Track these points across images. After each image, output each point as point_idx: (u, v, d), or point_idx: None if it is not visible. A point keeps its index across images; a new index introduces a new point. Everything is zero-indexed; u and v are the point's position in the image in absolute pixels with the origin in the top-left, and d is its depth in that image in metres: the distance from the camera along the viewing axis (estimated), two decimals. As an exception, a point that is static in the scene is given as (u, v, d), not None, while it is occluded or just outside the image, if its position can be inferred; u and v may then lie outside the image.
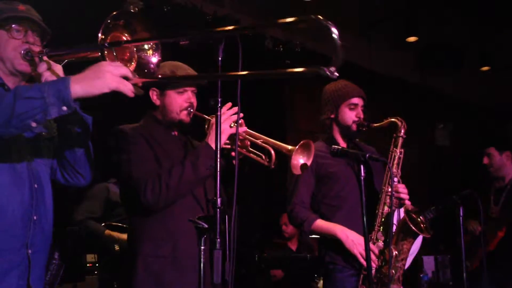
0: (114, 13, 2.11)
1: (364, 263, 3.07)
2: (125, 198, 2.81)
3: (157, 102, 2.84)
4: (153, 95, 2.84)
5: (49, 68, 2.13)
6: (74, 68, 2.04)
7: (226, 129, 2.59)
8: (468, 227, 4.70)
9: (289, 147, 2.63)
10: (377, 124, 3.41)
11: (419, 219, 3.19)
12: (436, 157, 8.55)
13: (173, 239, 2.65)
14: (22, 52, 2.19)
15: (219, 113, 2.14)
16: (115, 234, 4.52)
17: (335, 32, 1.69)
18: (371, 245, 3.15)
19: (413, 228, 3.11)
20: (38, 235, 2.22)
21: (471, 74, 8.35)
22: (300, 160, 2.68)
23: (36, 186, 2.23)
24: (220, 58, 2.11)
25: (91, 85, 1.89)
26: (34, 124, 1.89)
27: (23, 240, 2.16)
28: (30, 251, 2.18)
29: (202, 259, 2.06)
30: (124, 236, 4.40)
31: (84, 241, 4.80)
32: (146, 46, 2.18)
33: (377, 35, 7.71)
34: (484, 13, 6.90)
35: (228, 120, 2.61)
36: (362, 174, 2.76)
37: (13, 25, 2.20)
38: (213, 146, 2.37)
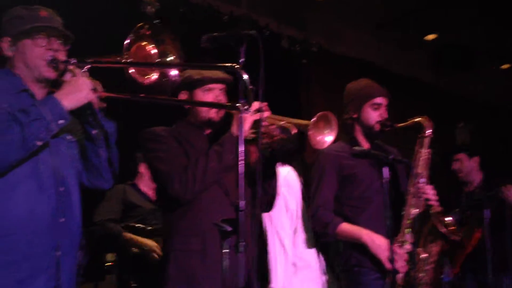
0: (139, 24, 2.29)
1: (390, 267, 2.97)
2: (159, 196, 2.89)
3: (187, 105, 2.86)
4: (183, 98, 2.85)
5: (74, 76, 2.27)
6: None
7: (249, 117, 2.54)
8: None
9: (306, 121, 2.54)
10: (402, 124, 3.32)
11: (448, 221, 3.08)
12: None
13: (202, 233, 2.64)
14: (47, 59, 2.28)
15: (241, 114, 2.06)
16: (134, 237, 4.47)
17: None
18: (399, 249, 3.06)
19: (442, 230, 3.00)
20: (66, 237, 2.28)
21: (490, 73, 8.23)
22: (323, 136, 2.57)
23: (62, 189, 2.29)
24: (241, 60, 2.06)
25: (75, 98, 2.18)
26: (39, 143, 2.12)
27: (51, 243, 2.22)
28: (59, 253, 2.23)
29: (225, 262, 2.00)
30: (143, 239, 4.38)
31: (103, 241, 4.79)
32: (168, 59, 2.31)
33: (393, 34, 7.59)
34: (501, 12, 6.76)
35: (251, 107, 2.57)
36: (386, 176, 2.65)
37: (36, 36, 2.28)
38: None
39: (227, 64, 2.16)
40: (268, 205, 2.85)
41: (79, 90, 2.17)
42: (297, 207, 3.38)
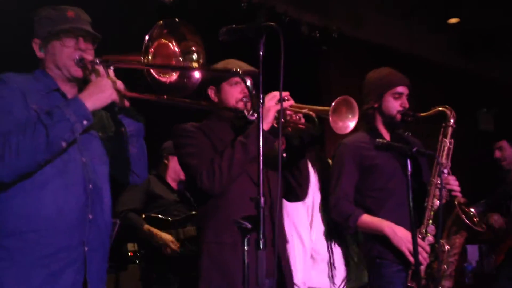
0: (160, 22, 2.25)
1: (413, 260, 2.93)
2: (191, 190, 2.96)
3: (216, 99, 2.88)
4: (211, 93, 2.90)
5: (98, 76, 2.34)
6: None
7: (272, 107, 2.57)
8: (490, 220, 4.53)
9: (325, 108, 2.51)
10: (424, 114, 3.26)
11: (471, 213, 3.03)
12: (480, 142, 8.28)
13: (233, 226, 2.61)
14: (76, 59, 2.35)
15: (260, 109, 2.03)
16: (154, 230, 4.48)
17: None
18: (421, 241, 3.01)
19: (467, 221, 2.95)
20: (93, 233, 2.32)
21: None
22: (346, 121, 2.55)
23: (91, 186, 2.33)
24: (261, 53, 2.02)
25: (98, 99, 2.23)
26: (64, 144, 2.17)
27: (79, 238, 2.27)
28: (86, 249, 2.28)
29: (246, 260, 1.98)
30: (159, 233, 4.40)
31: (124, 232, 4.82)
32: (193, 57, 2.29)
33: (418, 18, 7.46)
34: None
35: (274, 98, 2.58)
36: (409, 169, 2.60)
37: (64, 37, 2.35)
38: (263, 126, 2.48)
39: (233, 71, 2.26)
40: (302, 193, 2.88)
41: (102, 91, 2.23)
42: (313, 199, 3.34)
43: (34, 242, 2.19)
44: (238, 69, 2.77)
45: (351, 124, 2.54)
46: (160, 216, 4.54)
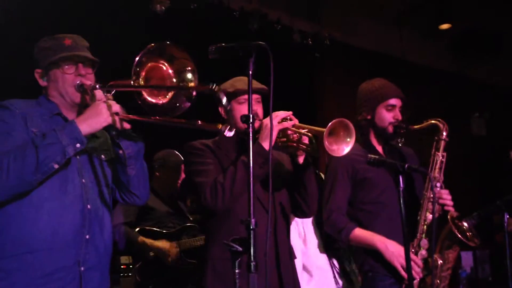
0: (148, 47, 2.28)
1: (405, 275, 2.92)
2: (197, 207, 3.05)
3: (226, 116, 2.93)
4: (222, 110, 2.93)
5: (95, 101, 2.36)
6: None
7: (275, 126, 2.62)
8: (509, 227, 4.48)
9: (321, 129, 2.54)
10: (417, 127, 3.25)
11: (464, 227, 3.02)
12: (472, 148, 8.30)
13: None
14: (76, 85, 2.42)
15: (250, 129, 2.02)
16: (148, 241, 4.46)
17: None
18: (413, 256, 3.00)
19: (460, 236, 2.94)
20: (91, 253, 2.37)
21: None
22: (342, 144, 2.57)
23: (89, 207, 2.39)
24: (250, 72, 2.01)
25: (94, 123, 2.25)
26: (56, 166, 2.19)
27: (75, 258, 2.32)
28: (82, 268, 2.33)
29: (237, 283, 1.97)
30: (158, 243, 4.37)
31: (118, 246, 4.78)
32: (188, 75, 2.29)
33: (410, 24, 7.47)
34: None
35: (276, 117, 2.64)
36: (401, 185, 2.59)
37: (64, 65, 2.42)
38: (264, 145, 2.61)
39: (204, 87, 2.19)
40: (308, 210, 2.91)
41: (98, 115, 2.25)
42: None
43: (30, 262, 2.23)
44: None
45: (347, 148, 2.56)
46: (154, 228, 4.52)
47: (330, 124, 2.48)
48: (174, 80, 2.28)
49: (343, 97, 7.04)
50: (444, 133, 3.22)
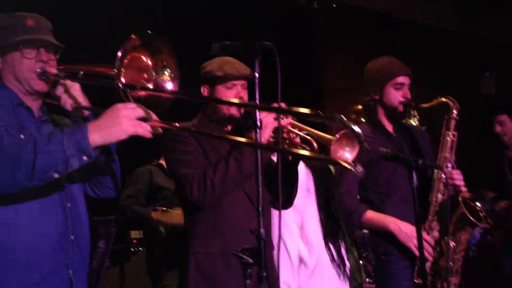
0: (132, 36, 2.03)
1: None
2: (179, 197, 2.84)
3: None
4: (204, 91, 2.83)
5: (66, 90, 2.17)
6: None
7: (270, 123, 2.49)
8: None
9: (330, 137, 2.42)
10: (426, 105, 3.17)
11: (477, 207, 2.98)
12: (482, 107, 8.19)
13: (222, 236, 2.66)
14: (37, 71, 2.17)
15: (258, 135, 1.96)
16: (162, 216, 4.47)
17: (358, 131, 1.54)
18: (426, 236, 2.97)
19: (471, 218, 2.90)
20: (76, 254, 2.21)
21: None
22: (344, 153, 2.45)
23: (69, 205, 2.20)
24: (257, 74, 1.93)
25: (109, 134, 1.88)
26: (56, 175, 1.91)
27: (63, 262, 2.16)
28: (71, 272, 2.18)
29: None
30: (170, 218, 4.38)
31: (130, 225, 4.82)
32: (166, 72, 2.10)
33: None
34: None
35: (271, 114, 2.51)
36: (415, 182, 2.54)
37: (24, 48, 2.16)
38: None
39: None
40: (287, 203, 2.81)
41: (115, 125, 1.88)
42: (303, 200, 3.28)
43: (16, 273, 2.05)
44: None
45: (348, 156, 2.39)
46: (164, 208, 4.52)
47: (339, 134, 2.34)
48: (154, 73, 2.10)
49: (347, 59, 6.94)
50: (455, 112, 3.14)
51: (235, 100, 2.63)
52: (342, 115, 1.55)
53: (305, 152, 1.89)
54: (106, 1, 4.91)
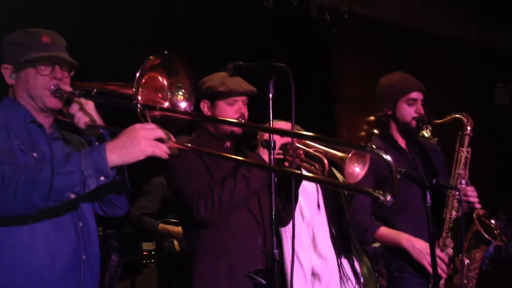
0: (151, 56, 2.05)
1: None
2: (180, 213, 2.82)
3: (209, 114, 2.79)
4: (204, 107, 2.80)
5: (81, 108, 2.16)
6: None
7: (278, 139, 2.43)
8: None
9: (342, 154, 2.42)
10: (440, 121, 3.16)
11: (491, 225, 2.96)
12: (495, 118, 8.14)
13: (228, 254, 2.63)
14: (52, 89, 2.16)
15: (272, 156, 1.96)
16: (170, 227, 4.49)
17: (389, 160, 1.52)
18: (440, 253, 2.96)
19: (486, 235, 2.88)
20: (88, 274, 2.20)
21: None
22: (355, 168, 2.46)
23: (80, 224, 2.19)
24: (271, 95, 1.93)
25: (127, 154, 1.86)
26: (73, 196, 1.88)
27: (75, 283, 2.14)
28: None
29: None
30: (179, 229, 4.39)
31: (140, 236, 4.84)
32: (180, 92, 2.12)
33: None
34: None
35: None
36: (428, 201, 2.53)
37: (39, 65, 2.16)
38: (265, 158, 2.35)
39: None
40: (286, 217, 2.78)
41: (133, 145, 1.86)
42: (311, 213, 3.27)
43: None
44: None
45: (359, 173, 2.41)
46: (175, 220, 4.53)
47: (351, 152, 2.34)
48: (169, 93, 2.12)
49: (361, 71, 6.94)
50: (469, 128, 3.13)
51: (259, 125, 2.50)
52: (373, 145, 1.57)
53: (335, 182, 1.88)
54: (116, 20, 4.95)
